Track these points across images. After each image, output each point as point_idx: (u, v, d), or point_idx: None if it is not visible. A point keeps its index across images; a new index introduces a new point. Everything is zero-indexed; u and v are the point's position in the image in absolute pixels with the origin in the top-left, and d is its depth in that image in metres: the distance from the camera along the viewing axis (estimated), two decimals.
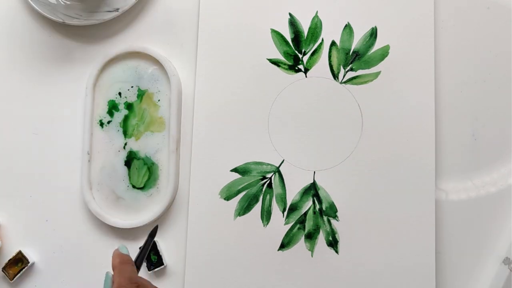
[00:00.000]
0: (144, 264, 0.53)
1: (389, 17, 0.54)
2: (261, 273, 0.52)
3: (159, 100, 0.54)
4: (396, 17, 0.54)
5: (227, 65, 0.54)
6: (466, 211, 0.53)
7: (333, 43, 0.54)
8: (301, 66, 0.54)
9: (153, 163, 0.54)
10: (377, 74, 0.53)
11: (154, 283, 0.53)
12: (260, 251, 0.52)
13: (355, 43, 0.54)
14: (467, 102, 0.54)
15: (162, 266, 0.52)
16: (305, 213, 0.53)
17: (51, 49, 0.56)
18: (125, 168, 0.54)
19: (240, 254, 0.52)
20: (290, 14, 0.54)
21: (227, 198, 0.53)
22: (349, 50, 0.54)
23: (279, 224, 0.53)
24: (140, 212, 0.53)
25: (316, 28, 0.54)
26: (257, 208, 0.53)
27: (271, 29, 0.54)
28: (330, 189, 0.53)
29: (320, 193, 0.53)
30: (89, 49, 0.56)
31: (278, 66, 0.54)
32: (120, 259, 0.44)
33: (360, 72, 0.54)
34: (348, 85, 0.53)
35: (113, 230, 0.54)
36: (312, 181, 0.53)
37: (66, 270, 0.54)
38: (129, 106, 0.54)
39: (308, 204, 0.53)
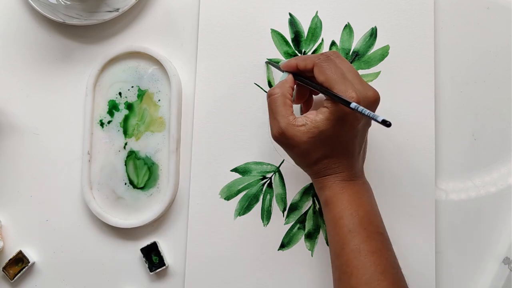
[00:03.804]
0: (146, 266, 0.53)
1: (389, 17, 0.54)
2: (261, 273, 0.52)
3: (159, 100, 0.54)
4: (396, 17, 0.54)
5: (227, 65, 0.54)
6: (466, 211, 0.53)
7: (333, 43, 0.54)
8: None
9: (153, 163, 0.54)
10: (377, 74, 0.54)
11: (154, 283, 0.53)
12: (260, 251, 0.52)
13: (355, 43, 0.54)
14: (467, 102, 0.54)
15: (164, 267, 0.52)
16: (305, 213, 0.53)
17: (51, 49, 0.56)
18: (125, 168, 0.54)
19: (240, 254, 0.52)
20: (290, 14, 0.54)
21: (227, 198, 0.53)
22: (349, 50, 0.54)
23: (279, 224, 0.53)
24: (140, 212, 0.53)
25: (316, 28, 0.54)
26: (257, 208, 0.53)
27: (271, 29, 0.54)
28: None
29: None
30: (89, 49, 0.56)
31: None
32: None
33: (360, 72, 0.54)
34: None
35: (113, 230, 0.54)
36: (312, 181, 0.53)
37: (66, 270, 0.54)
38: (129, 106, 0.54)
39: (308, 204, 0.53)
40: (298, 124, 0.43)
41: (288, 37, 0.54)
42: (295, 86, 0.46)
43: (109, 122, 0.54)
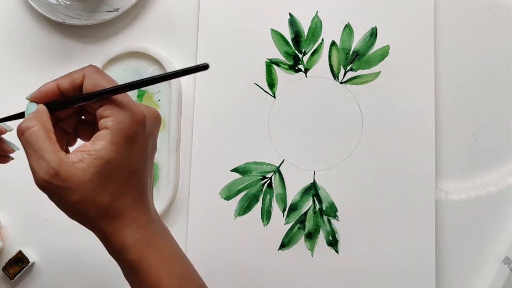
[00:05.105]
0: None
1: (389, 17, 0.54)
2: (261, 273, 0.52)
3: (159, 100, 0.54)
4: (396, 17, 0.54)
5: (227, 65, 0.54)
6: (466, 211, 0.53)
7: (333, 43, 0.54)
8: (301, 66, 0.54)
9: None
10: (377, 74, 0.54)
11: None
12: (260, 251, 0.52)
13: (355, 43, 0.54)
14: (467, 102, 0.54)
15: None
16: (305, 213, 0.53)
17: (51, 49, 0.56)
18: None
19: (240, 254, 0.52)
20: (290, 14, 0.54)
21: (227, 198, 0.53)
22: (349, 50, 0.54)
23: (279, 224, 0.53)
24: None
25: (316, 28, 0.54)
26: (257, 208, 0.53)
27: (271, 29, 0.54)
28: (330, 189, 0.53)
29: (320, 193, 0.53)
30: (89, 49, 0.56)
31: (278, 66, 0.54)
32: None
33: (360, 72, 0.54)
34: (348, 85, 0.53)
35: None
36: (312, 181, 0.53)
37: (66, 270, 0.54)
38: None
39: (308, 204, 0.53)
40: (73, 161, 0.33)
41: (288, 37, 0.54)
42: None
43: None
